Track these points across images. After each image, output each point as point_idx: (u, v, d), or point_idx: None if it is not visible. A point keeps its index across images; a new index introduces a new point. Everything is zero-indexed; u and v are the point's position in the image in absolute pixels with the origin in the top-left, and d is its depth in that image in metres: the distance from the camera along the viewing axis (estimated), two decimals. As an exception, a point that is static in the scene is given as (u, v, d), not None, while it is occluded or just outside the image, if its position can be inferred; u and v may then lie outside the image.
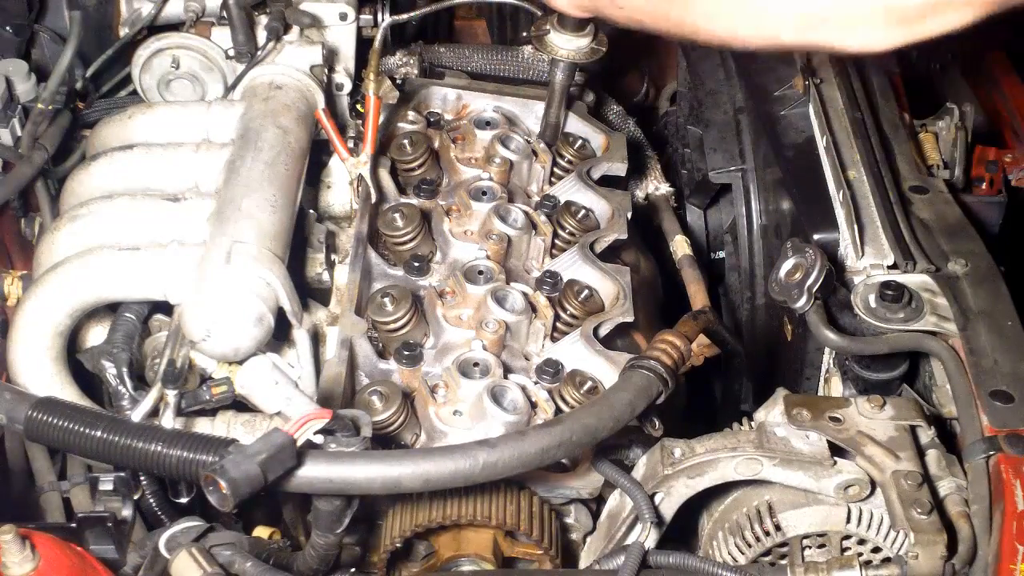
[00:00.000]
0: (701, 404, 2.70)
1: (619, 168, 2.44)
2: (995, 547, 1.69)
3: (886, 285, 2.01)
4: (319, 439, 1.57)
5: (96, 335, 2.10)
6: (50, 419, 1.54)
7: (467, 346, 2.05)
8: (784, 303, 2.03)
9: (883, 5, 1.37)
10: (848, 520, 1.80)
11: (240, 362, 1.92)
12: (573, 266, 2.21)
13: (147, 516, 1.87)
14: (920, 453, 1.81)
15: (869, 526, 1.80)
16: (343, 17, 2.48)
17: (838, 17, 1.43)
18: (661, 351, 1.83)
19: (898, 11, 1.37)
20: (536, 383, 2.03)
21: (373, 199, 2.25)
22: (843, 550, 1.83)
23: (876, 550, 1.82)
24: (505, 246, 2.20)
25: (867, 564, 1.76)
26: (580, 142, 2.46)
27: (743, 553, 1.83)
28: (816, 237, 2.16)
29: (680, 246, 2.62)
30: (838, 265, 2.12)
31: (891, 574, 1.73)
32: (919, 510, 1.70)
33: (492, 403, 1.93)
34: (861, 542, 1.82)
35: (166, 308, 2.06)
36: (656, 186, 2.80)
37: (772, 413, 1.86)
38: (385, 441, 1.92)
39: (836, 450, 1.79)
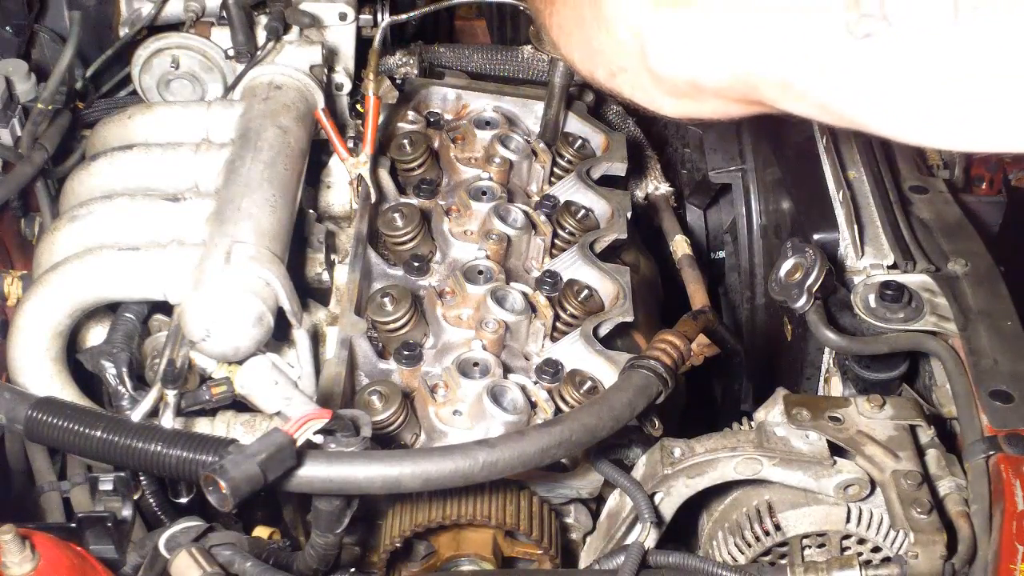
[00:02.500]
0: (701, 404, 2.70)
1: (619, 168, 2.44)
2: (995, 547, 1.69)
3: (886, 285, 2.01)
4: (319, 439, 1.57)
5: (96, 335, 2.10)
6: (50, 419, 1.54)
7: (467, 346, 2.05)
8: (784, 303, 2.03)
9: (648, 72, 1.36)
10: (848, 520, 1.80)
11: (240, 362, 1.92)
12: (573, 266, 2.20)
13: (147, 516, 1.87)
14: (920, 453, 1.81)
15: (869, 526, 1.80)
16: (343, 17, 2.48)
17: (626, 73, 1.42)
18: (661, 351, 1.83)
19: (664, 82, 1.37)
20: (536, 383, 2.02)
21: (373, 199, 2.25)
22: (843, 550, 1.83)
23: (876, 550, 1.82)
24: (505, 246, 2.20)
25: (867, 564, 1.76)
26: (580, 142, 2.46)
27: (743, 553, 1.83)
28: (816, 237, 2.16)
29: (680, 246, 2.62)
30: (838, 265, 2.12)
31: (891, 574, 1.73)
32: (919, 510, 1.70)
33: (492, 403, 1.93)
34: (861, 542, 1.83)
35: (166, 308, 2.06)
36: (656, 186, 2.80)
37: (772, 413, 1.87)
38: (385, 441, 1.92)
39: (836, 450, 1.80)
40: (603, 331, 2.10)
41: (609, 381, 1.97)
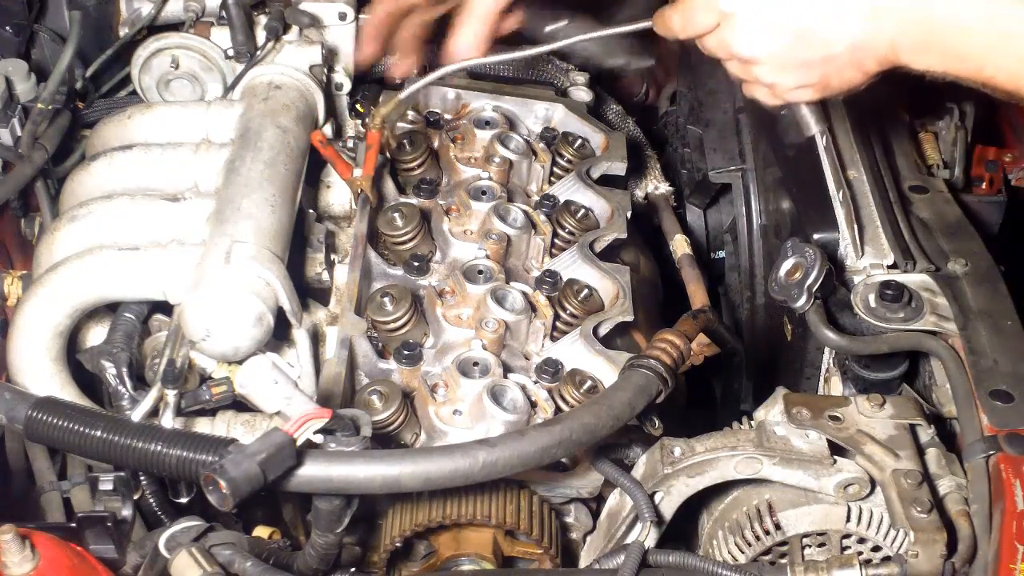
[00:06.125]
0: (701, 404, 2.70)
1: (618, 167, 2.43)
2: (995, 546, 1.68)
3: (886, 285, 2.01)
4: (319, 439, 1.57)
5: (96, 335, 2.10)
6: (50, 419, 1.54)
7: (467, 345, 2.05)
8: (784, 303, 2.03)
9: None
10: (848, 519, 1.80)
11: (240, 362, 1.92)
12: (573, 265, 2.20)
13: (147, 516, 1.87)
14: (920, 452, 1.81)
15: (869, 525, 1.80)
16: (342, 17, 2.48)
17: None
18: (661, 350, 1.83)
19: None
20: (536, 382, 2.03)
21: (372, 204, 2.25)
22: (843, 549, 1.83)
23: (876, 549, 1.82)
24: (505, 245, 2.20)
25: (867, 563, 1.76)
26: (579, 141, 2.46)
27: (743, 552, 1.83)
28: (816, 237, 2.15)
29: (680, 245, 2.62)
30: (838, 265, 2.12)
31: (891, 573, 1.73)
32: (919, 509, 1.70)
33: (492, 402, 1.93)
34: (861, 541, 1.82)
35: (166, 308, 2.06)
36: (656, 185, 2.80)
37: (772, 412, 1.87)
38: (385, 441, 1.92)
39: (836, 449, 1.79)
40: (603, 331, 2.10)
41: (609, 381, 1.97)
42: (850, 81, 1.84)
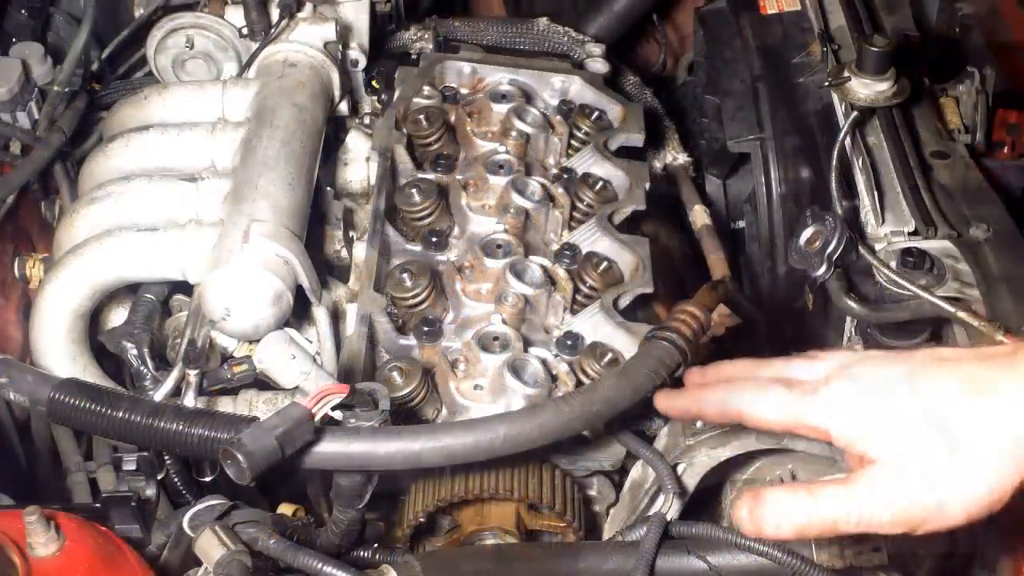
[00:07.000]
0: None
1: (636, 139, 2.42)
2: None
3: (907, 252, 2.00)
4: (338, 414, 1.57)
5: (117, 316, 2.11)
6: (72, 400, 1.55)
7: (486, 320, 2.05)
8: (805, 271, 2.01)
9: None
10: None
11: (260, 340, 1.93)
12: (592, 238, 2.20)
13: (172, 495, 1.88)
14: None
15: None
16: (356, -7, 2.47)
17: None
18: (680, 322, 1.82)
19: None
20: (556, 356, 2.02)
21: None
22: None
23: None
24: (523, 219, 2.19)
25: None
26: (597, 113, 2.45)
27: (766, 522, 1.82)
28: (836, 204, 2.14)
29: (699, 216, 2.61)
30: (858, 232, 2.10)
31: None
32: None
33: (512, 377, 1.93)
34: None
35: (186, 288, 2.06)
36: (674, 156, 2.79)
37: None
38: (406, 417, 1.92)
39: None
40: (623, 303, 2.09)
41: (629, 353, 1.97)
42: None
